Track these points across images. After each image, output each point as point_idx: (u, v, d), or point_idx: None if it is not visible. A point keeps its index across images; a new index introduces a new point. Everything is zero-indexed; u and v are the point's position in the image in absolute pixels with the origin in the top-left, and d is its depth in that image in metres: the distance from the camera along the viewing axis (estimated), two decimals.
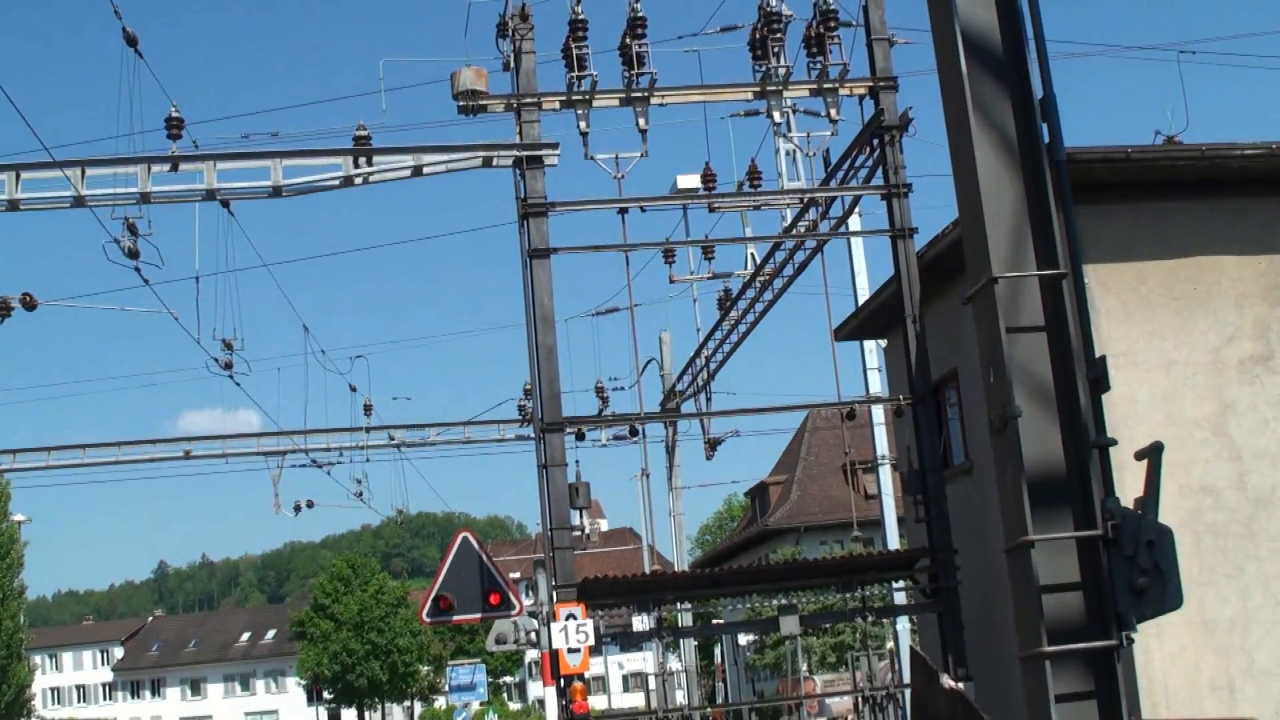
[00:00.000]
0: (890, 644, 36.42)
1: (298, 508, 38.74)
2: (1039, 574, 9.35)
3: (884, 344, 26.41)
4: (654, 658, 47.83)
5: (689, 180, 25.81)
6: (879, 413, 30.67)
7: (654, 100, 20.54)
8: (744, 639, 60.89)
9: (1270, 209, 17.41)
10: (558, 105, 20.38)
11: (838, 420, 39.32)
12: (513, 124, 20.30)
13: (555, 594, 18.64)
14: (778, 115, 21.46)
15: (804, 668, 50.21)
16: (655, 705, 23.85)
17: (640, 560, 62.15)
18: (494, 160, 20.46)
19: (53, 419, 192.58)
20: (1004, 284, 9.79)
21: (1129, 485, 10.18)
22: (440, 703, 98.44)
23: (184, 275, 21.74)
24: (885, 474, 31.16)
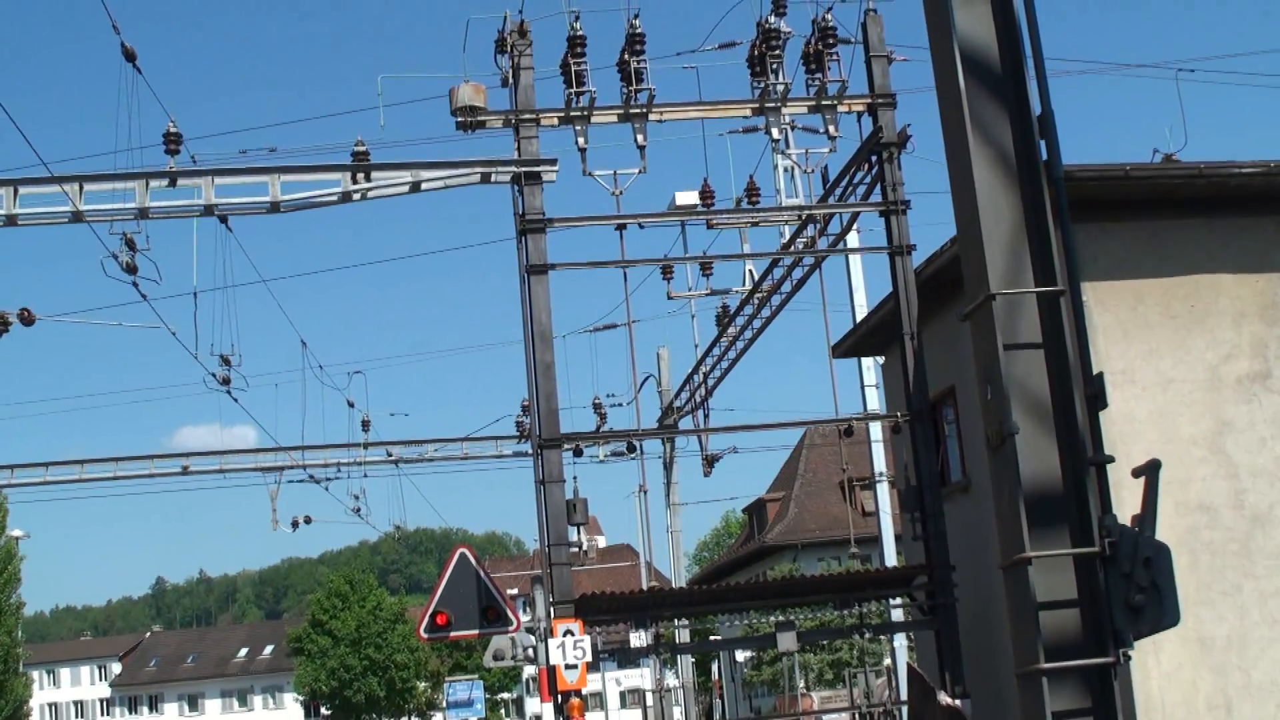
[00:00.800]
0: (887, 661, 36.43)
1: (295, 523, 38.68)
2: (1036, 591, 9.33)
3: (882, 361, 26.40)
4: (651, 674, 47.72)
5: (687, 197, 25.80)
6: (877, 430, 30.71)
7: (652, 116, 20.54)
8: (741, 655, 60.78)
9: (1268, 228, 17.42)
10: (556, 121, 20.36)
11: (835, 437, 39.28)
12: (511, 140, 20.29)
13: (553, 610, 18.60)
14: (776, 132, 21.47)
15: (801, 684, 50.19)
16: None
17: (638, 576, 62.06)
18: (492, 176, 20.45)
19: (50, 434, 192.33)
20: (1002, 301, 9.78)
21: (1126, 503, 10.16)
22: (438, 718, 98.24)
23: (182, 291, 21.77)
24: (883, 491, 31.15)
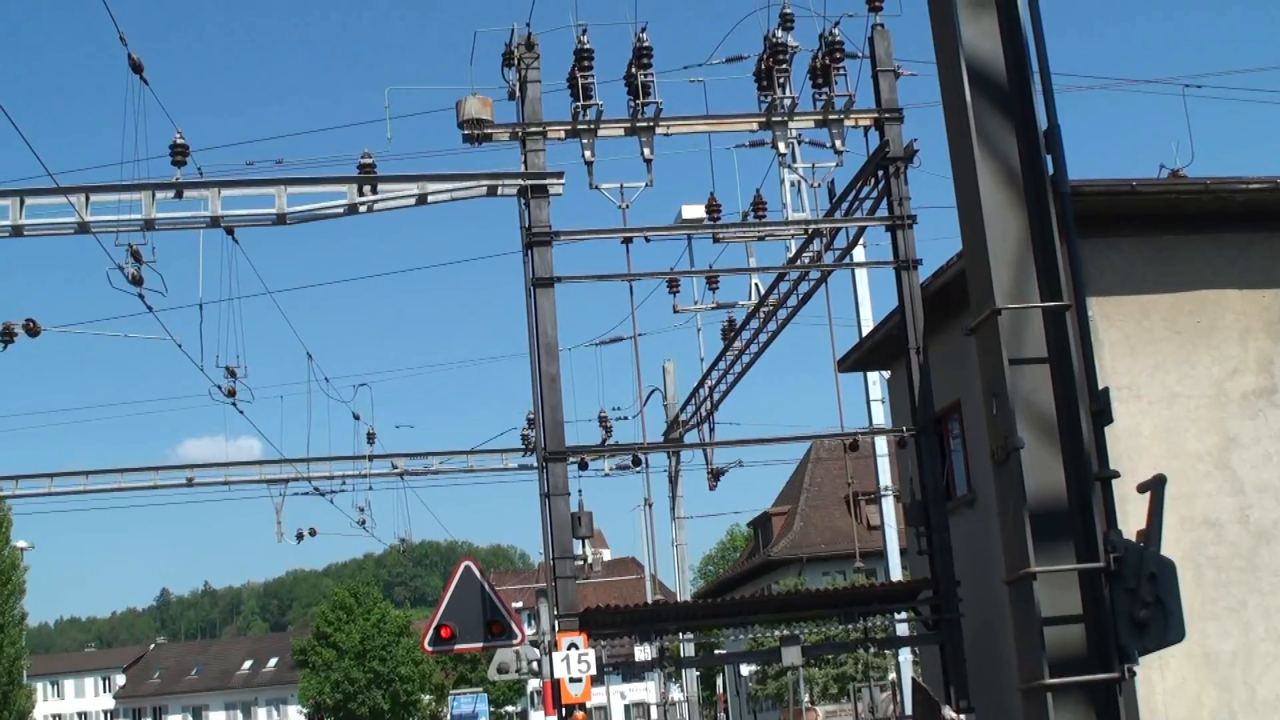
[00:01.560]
0: (892, 675, 36.41)
1: (300, 536, 38.59)
2: (1041, 606, 9.31)
3: (887, 375, 26.40)
4: (656, 688, 47.73)
5: (694, 210, 25.85)
6: (882, 444, 30.68)
7: (659, 130, 20.56)
8: (746, 669, 60.63)
9: (1274, 243, 17.42)
10: (563, 134, 20.38)
11: (841, 451, 39.25)
12: (518, 153, 20.31)
13: (557, 623, 18.58)
14: (783, 146, 21.51)
15: (806, 698, 50.09)
16: None
17: (643, 590, 62.06)
18: (499, 189, 20.47)
19: (55, 445, 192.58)
20: (1007, 315, 9.77)
21: (1131, 518, 10.14)
22: None
23: (188, 302, 21.73)
24: (888, 505, 31.15)
